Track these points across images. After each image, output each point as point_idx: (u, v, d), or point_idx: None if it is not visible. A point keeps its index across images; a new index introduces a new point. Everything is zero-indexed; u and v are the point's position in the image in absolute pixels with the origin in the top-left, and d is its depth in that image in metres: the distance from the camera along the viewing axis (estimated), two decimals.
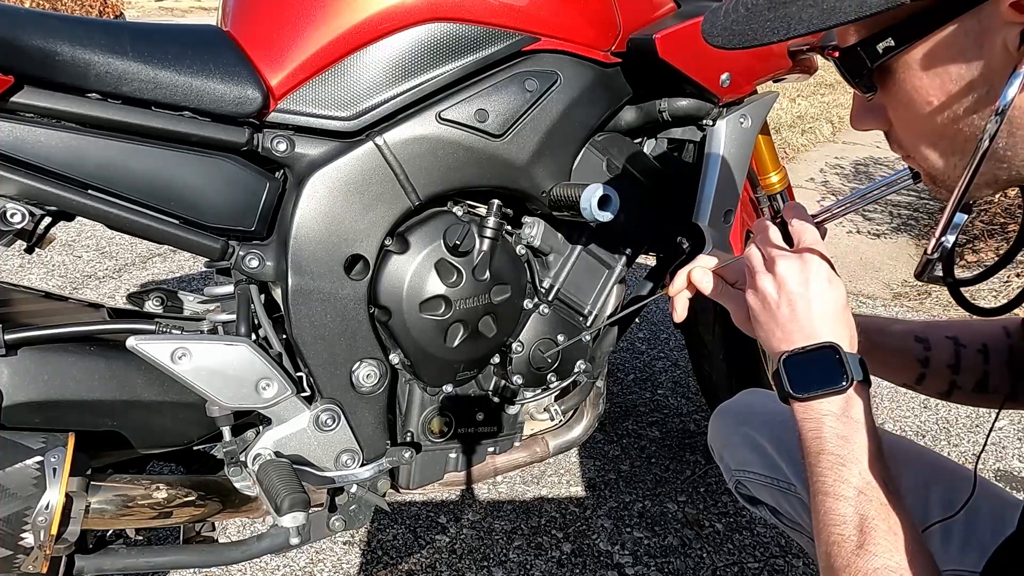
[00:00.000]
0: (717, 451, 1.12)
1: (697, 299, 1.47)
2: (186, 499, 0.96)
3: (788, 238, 0.72)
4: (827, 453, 0.63)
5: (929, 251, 0.62)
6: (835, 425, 0.63)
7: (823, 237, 0.72)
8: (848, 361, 0.64)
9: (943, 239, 0.60)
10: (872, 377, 0.67)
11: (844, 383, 0.63)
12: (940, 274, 0.65)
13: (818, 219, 0.74)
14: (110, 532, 1.00)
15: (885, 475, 0.62)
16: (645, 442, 1.86)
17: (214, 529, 1.10)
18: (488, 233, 1.01)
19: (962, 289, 0.71)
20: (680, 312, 0.81)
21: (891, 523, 0.59)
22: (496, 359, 1.11)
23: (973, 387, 0.86)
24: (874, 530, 0.59)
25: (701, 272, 0.79)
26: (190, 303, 1.07)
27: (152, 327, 0.94)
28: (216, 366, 0.87)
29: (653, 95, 1.13)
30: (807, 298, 0.66)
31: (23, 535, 0.80)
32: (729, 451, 1.08)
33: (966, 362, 0.85)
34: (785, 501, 0.99)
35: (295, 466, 0.95)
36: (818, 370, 0.65)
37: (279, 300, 0.98)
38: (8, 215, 0.81)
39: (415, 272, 0.98)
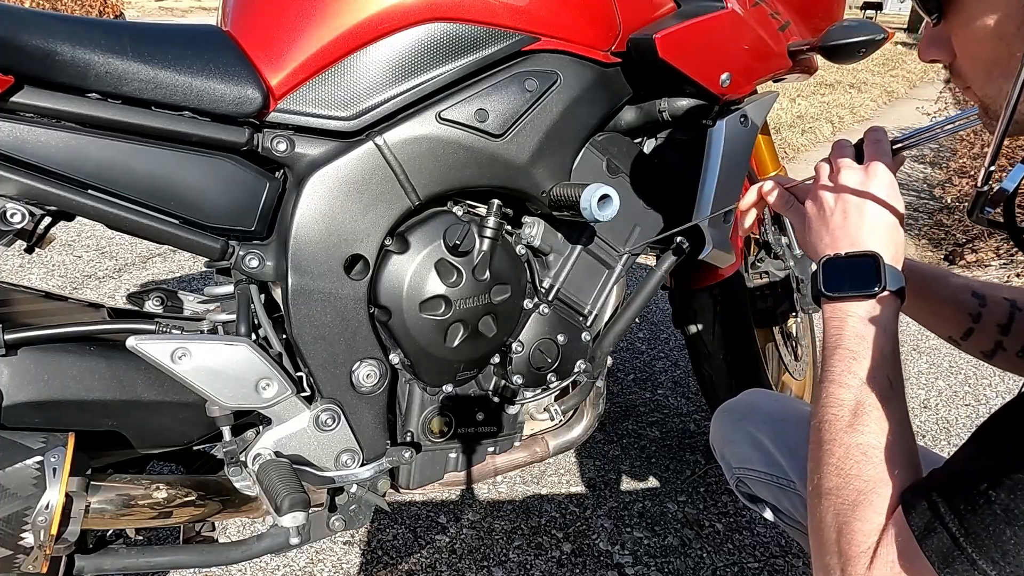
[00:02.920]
0: (718, 449, 1.12)
1: (698, 299, 1.47)
2: (186, 499, 0.96)
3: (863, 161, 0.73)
4: (842, 348, 0.65)
5: (979, 183, 0.62)
6: (857, 326, 0.65)
7: (899, 165, 0.74)
8: (885, 270, 0.65)
9: (992, 172, 0.61)
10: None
11: (876, 289, 0.65)
12: (999, 218, 0.65)
13: (894, 146, 0.75)
14: (110, 532, 1.00)
15: (893, 376, 0.63)
16: (645, 442, 1.86)
17: (214, 529, 1.10)
18: (488, 233, 1.01)
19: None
20: (746, 226, 0.85)
21: (885, 412, 0.61)
22: (496, 359, 1.11)
23: (1019, 351, 0.86)
24: (867, 414, 0.62)
25: (772, 185, 0.81)
26: (190, 303, 1.07)
27: (152, 327, 0.94)
28: (216, 366, 0.87)
29: (653, 95, 1.14)
30: (862, 209, 0.69)
31: (23, 535, 0.80)
32: (730, 449, 1.08)
33: (1018, 324, 0.86)
34: (785, 498, 0.99)
35: (295, 466, 0.94)
36: (854, 274, 0.67)
37: (279, 300, 0.98)
38: (8, 215, 0.81)
39: (415, 272, 0.98)
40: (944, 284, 0.89)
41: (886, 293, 0.65)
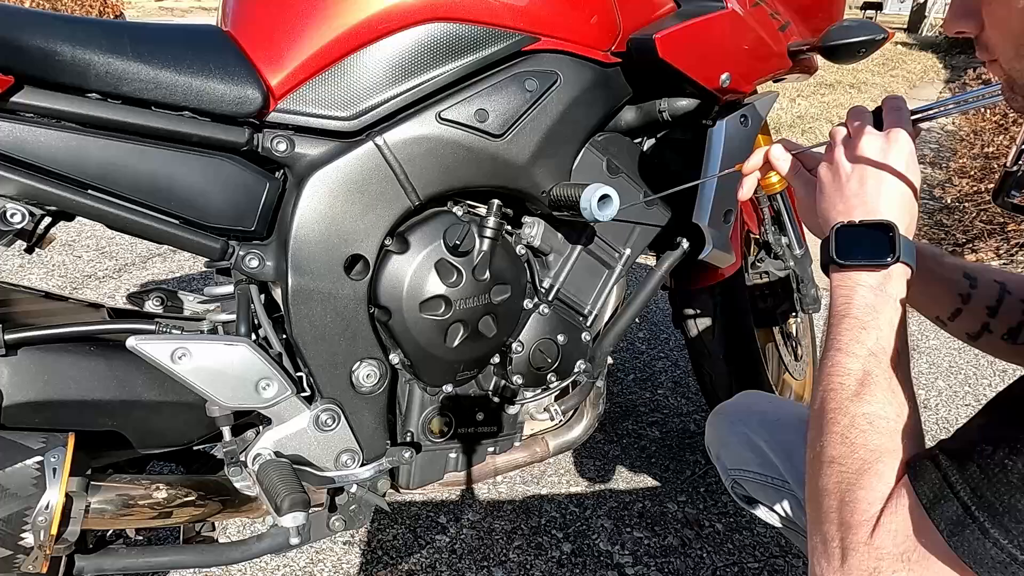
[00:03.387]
0: (714, 452, 1.12)
1: (698, 299, 1.47)
2: (186, 499, 0.96)
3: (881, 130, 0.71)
4: (851, 317, 0.63)
5: (1008, 163, 0.60)
6: (867, 295, 0.64)
7: (915, 136, 0.72)
8: (899, 241, 0.64)
9: None
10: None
11: (889, 259, 0.63)
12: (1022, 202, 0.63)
13: (913, 116, 0.73)
14: (110, 532, 1.00)
15: (901, 347, 0.62)
16: (645, 442, 1.86)
17: (214, 529, 1.10)
18: (488, 233, 1.01)
19: None
20: (747, 191, 0.82)
21: (892, 383, 0.60)
22: (496, 359, 1.11)
23: (1004, 334, 0.85)
24: (874, 384, 0.60)
25: (780, 150, 0.79)
26: (190, 303, 1.07)
27: (152, 327, 0.94)
28: (216, 366, 0.87)
29: (653, 95, 1.14)
30: (879, 177, 0.67)
31: (23, 535, 0.80)
32: (726, 451, 1.08)
33: (1006, 308, 0.85)
34: (780, 499, 0.99)
35: (295, 466, 0.94)
36: (867, 243, 0.65)
37: (279, 300, 0.98)
38: (8, 215, 0.81)
39: (415, 272, 0.98)
40: (937, 263, 0.87)
41: (899, 264, 0.64)
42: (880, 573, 0.53)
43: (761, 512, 1.06)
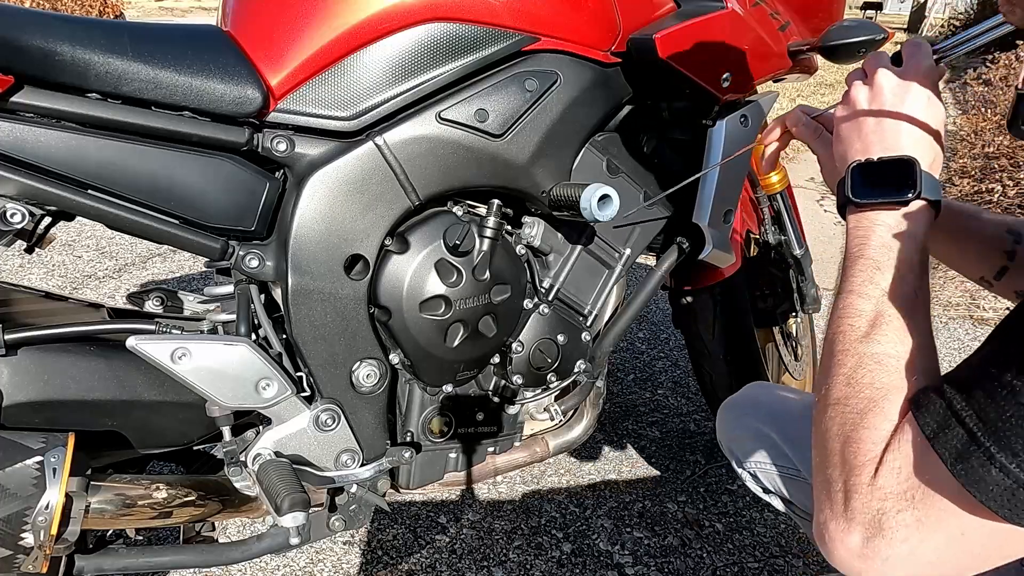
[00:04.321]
0: (726, 445, 1.11)
1: (698, 299, 1.47)
2: (186, 499, 0.96)
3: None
4: (865, 258, 0.60)
5: (1020, 85, 0.58)
6: (884, 235, 0.60)
7: (940, 76, 0.69)
8: (921, 176, 0.59)
9: None
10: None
11: (910, 195, 0.59)
12: None
13: (935, 55, 0.70)
14: (110, 532, 1.00)
15: (920, 288, 0.59)
16: (645, 442, 1.86)
17: (214, 529, 1.10)
18: (488, 233, 1.01)
19: None
20: (768, 166, 0.81)
21: (907, 324, 0.56)
22: (496, 359, 1.11)
23: None
24: (886, 324, 0.57)
25: (797, 115, 0.77)
26: (190, 303, 1.07)
27: (152, 327, 0.94)
28: (216, 366, 0.87)
29: (653, 95, 1.13)
30: (898, 114, 0.63)
31: (23, 535, 0.80)
32: (737, 444, 1.07)
33: None
34: (794, 489, 0.98)
35: (295, 466, 0.94)
36: (886, 179, 0.61)
37: (279, 300, 0.98)
38: (8, 215, 0.81)
39: (415, 272, 0.98)
40: (978, 221, 0.84)
41: (921, 202, 0.59)
42: (884, 515, 0.51)
43: (776, 502, 1.05)
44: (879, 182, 0.61)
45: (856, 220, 0.62)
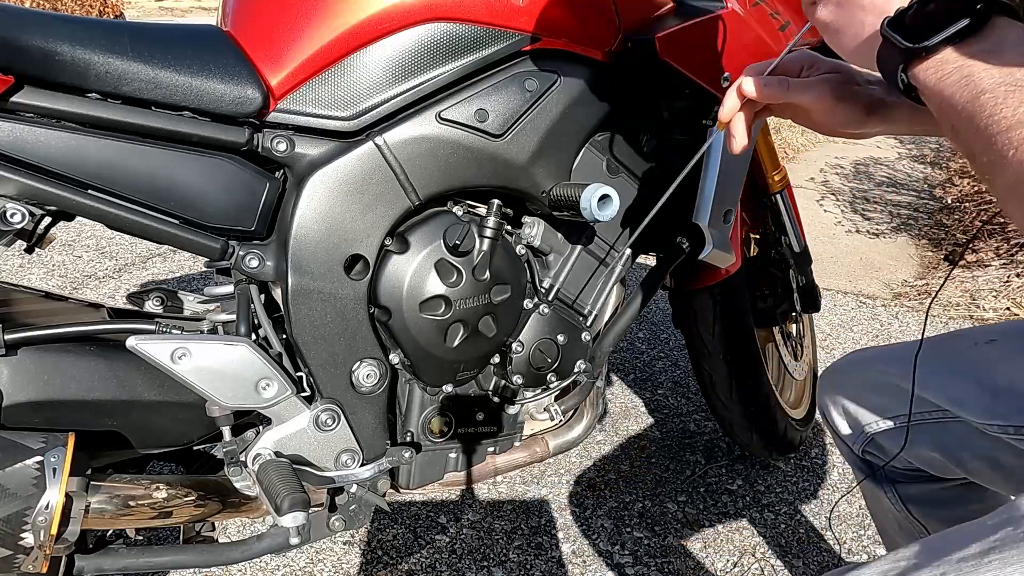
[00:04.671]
0: (840, 419, 0.95)
1: (698, 299, 1.47)
2: (186, 499, 0.96)
3: None
4: (987, 92, 0.46)
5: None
6: (987, 63, 0.47)
7: None
8: None
9: None
10: None
11: (981, 5, 0.47)
12: None
13: None
14: (110, 532, 1.00)
15: None
16: (645, 442, 1.86)
17: (214, 529, 1.10)
18: (488, 233, 1.01)
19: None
20: (740, 139, 0.69)
21: None
22: (496, 359, 1.11)
23: None
24: None
25: (753, 80, 0.67)
26: (190, 303, 1.07)
27: (152, 327, 0.94)
28: (216, 366, 0.87)
29: (653, 95, 1.14)
30: None
31: (23, 535, 0.80)
32: (855, 407, 0.92)
33: None
34: (945, 433, 0.84)
35: (295, 466, 0.94)
36: (939, 7, 0.48)
37: (279, 300, 0.98)
38: (8, 215, 0.81)
39: (415, 272, 0.98)
40: None
41: (995, 12, 0.46)
42: None
43: (925, 451, 0.89)
44: (931, 15, 0.48)
45: (936, 69, 0.48)
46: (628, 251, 1.18)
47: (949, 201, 3.77)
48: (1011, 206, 0.46)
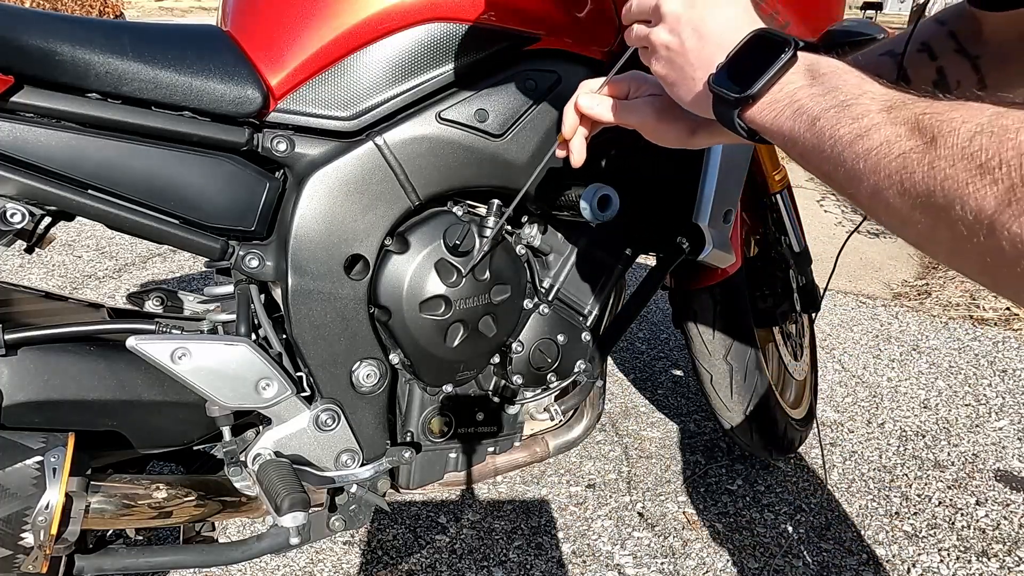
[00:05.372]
0: None
1: (698, 299, 1.47)
2: (186, 499, 0.96)
3: None
4: (821, 118, 0.49)
5: None
6: (811, 89, 0.51)
7: None
8: (778, 34, 0.54)
9: None
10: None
11: (788, 49, 0.53)
12: None
13: None
14: (110, 532, 1.00)
15: (897, 88, 0.49)
16: (645, 442, 1.86)
17: (214, 529, 1.10)
18: (488, 233, 1.01)
19: None
20: (578, 157, 0.72)
21: (943, 106, 0.44)
22: (496, 359, 1.11)
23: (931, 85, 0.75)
24: (933, 117, 0.44)
25: (588, 98, 0.70)
26: (190, 303, 1.07)
27: (152, 327, 0.94)
28: (216, 366, 0.87)
29: None
30: (704, 15, 0.58)
31: (23, 535, 0.80)
32: None
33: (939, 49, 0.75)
34: None
35: (295, 466, 0.95)
36: (754, 58, 0.54)
37: (279, 300, 0.98)
38: (8, 215, 0.81)
39: (415, 272, 0.98)
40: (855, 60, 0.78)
41: (800, 47, 0.53)
42: None
43: None
44: (748, 66, 0.54)
45: (767, 107, 0.54)
46: (628, 251, 1.18)
47: None
48: (877, 210, 0.49)
